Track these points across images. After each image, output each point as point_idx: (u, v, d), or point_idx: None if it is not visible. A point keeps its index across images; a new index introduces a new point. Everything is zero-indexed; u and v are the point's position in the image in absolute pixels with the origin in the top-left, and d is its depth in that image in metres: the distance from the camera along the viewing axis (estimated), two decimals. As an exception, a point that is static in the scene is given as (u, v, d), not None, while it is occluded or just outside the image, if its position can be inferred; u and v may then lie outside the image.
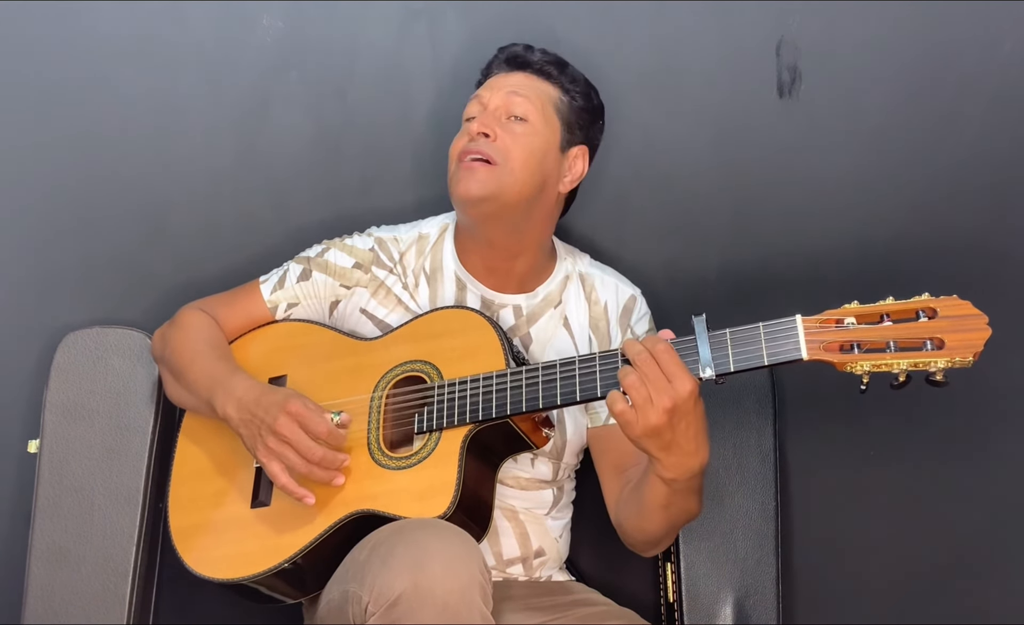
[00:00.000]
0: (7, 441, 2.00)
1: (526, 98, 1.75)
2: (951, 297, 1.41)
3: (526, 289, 1.80)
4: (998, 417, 1.99)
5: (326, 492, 1.64)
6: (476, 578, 1.44)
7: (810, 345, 1.43)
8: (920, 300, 1.41)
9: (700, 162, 2.00)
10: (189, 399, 1.77)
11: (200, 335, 1.79)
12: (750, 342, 1.45)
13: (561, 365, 1.57)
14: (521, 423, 1.63)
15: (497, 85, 1.77)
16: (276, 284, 1.82)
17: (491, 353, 1.64)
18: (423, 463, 1.62)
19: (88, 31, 1.98)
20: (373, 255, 1.81)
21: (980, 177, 1.97)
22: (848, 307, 1.43)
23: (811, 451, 2.01)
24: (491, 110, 1.75)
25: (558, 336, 1.79)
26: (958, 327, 1.38)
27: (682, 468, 1.48)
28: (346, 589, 1.50)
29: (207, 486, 1.75)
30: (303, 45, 2.00)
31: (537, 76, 1.78)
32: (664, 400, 1.42)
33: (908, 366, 1.39)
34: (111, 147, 2.01)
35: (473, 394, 1.61)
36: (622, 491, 1.72)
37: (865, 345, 1.41)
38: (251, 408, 1.63)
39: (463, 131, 1.76)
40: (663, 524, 1.61)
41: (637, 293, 1.85)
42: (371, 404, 1.68)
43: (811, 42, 1.96)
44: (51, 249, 2.02)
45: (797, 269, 2.01)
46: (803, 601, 2.00)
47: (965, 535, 2.01)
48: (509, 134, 1.72)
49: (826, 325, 1.43)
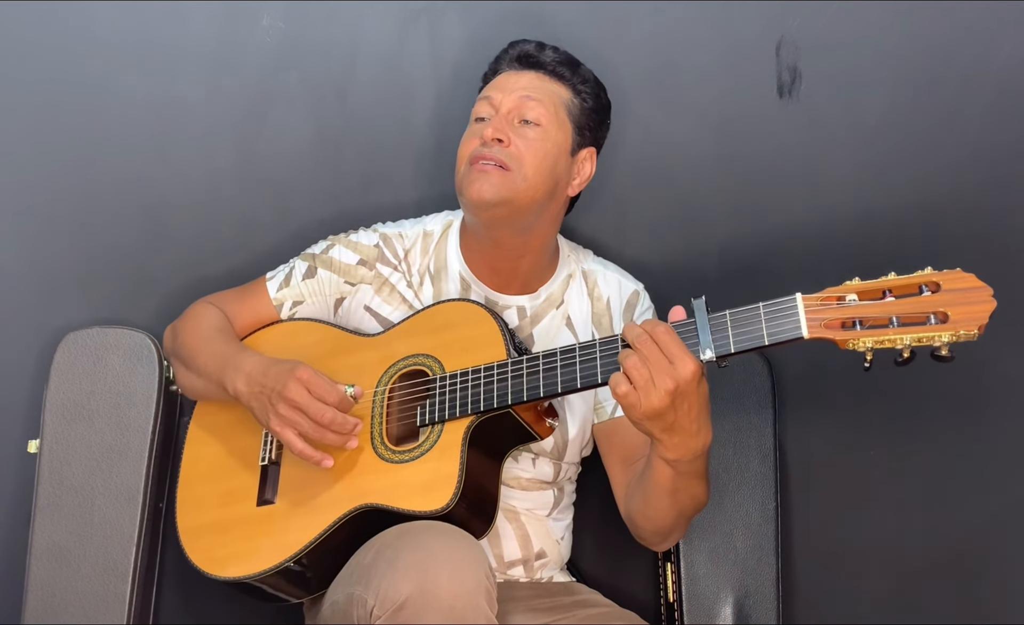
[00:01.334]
0: (7, 441, 2.00)
1: (539, 102, 1.72)
2: (954, 270, 1.38)
3: (529, 290, 1.80)
4: (999, 418, 1.99)
5: (330, 488, 1.64)
6: (482, 582, 1.44)
7: (811, 323, 1.39)
8: (923, 274, 1.39)
9: (700, 161, 2.00)
10: (201, 384, 1.77)
11: (209, 323, 1.79)
12: (750, 322, 1.43)
13: (562, 353, 1.57)
14: (524, 413, 1.63)
15: (508, 85, 1.74)
16: (282, 282, 1.82)
17: (492, 344, 1.65)
18: (425, 456, 1.62)
19: (88, 32, 1.98)
20: (378, 251, 1.80)
21: (980, 177, 1.97)
22: (849, 284, 1.41)
23: (811, 451, 2.01)
24: (503, 113, 1.72)
25: (561, 336, 1.78)
26: (962, 300, 1.35)
27: (684, 448, 1.48)
28: (351, 592, 1.49)
29: (214, 487, 1.75)
30: (303, 45, 2.00)
31: (549, 77, 1.75)
32: (666, 382, 1.41)
33: (912, 341, 1.35)
34: (111, 147, 2.01)
35: (474, 385, 1.61)
36: (630, 483, 1.72)
37: (867, 321, 1.37)
38: (260, 380, 1.64)
39: (472, 132, 1.74)
40: (670, 511, 1.60)
41: (640, 288, 1.85)
42: (374, 399, 1.69)
43: (811, 42, 1.96)
44: (51, 249, 2.02)
45: (797, 268, 2.01)
46: (803, 601, 2.00)
47: (965, 535, 2.01)
48: (522, 139, 1.70)
49: (827, 302, 1.40)
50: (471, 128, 1.75)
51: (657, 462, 1.53)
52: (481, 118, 1.74)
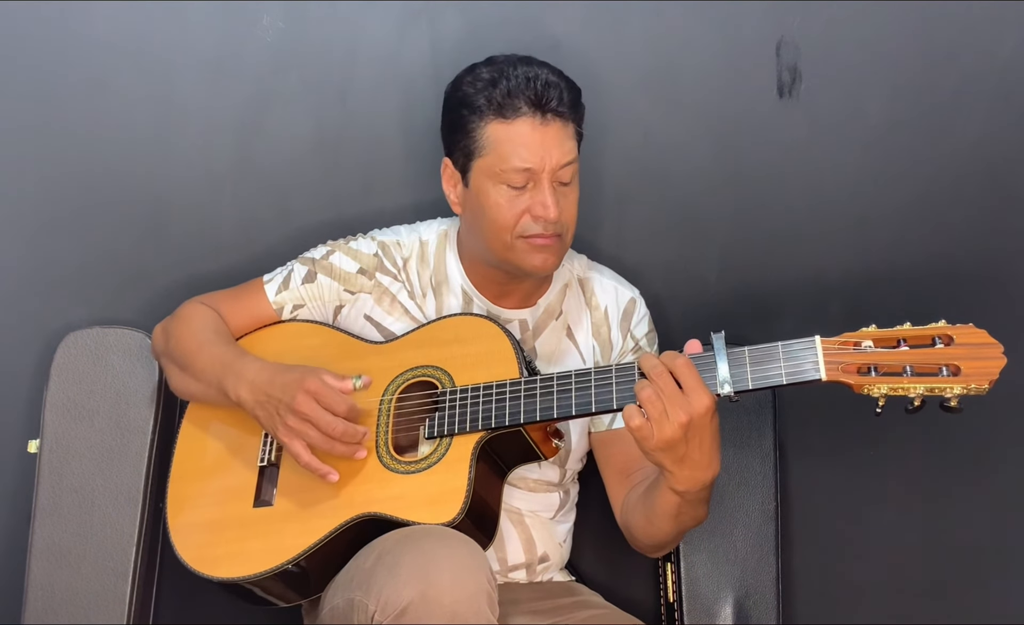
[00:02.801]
0: (7, 441, 2.00)
1: (572, 165, 1.66)
2: (967, 325, 1.41)
3: (529, 303, 1.79)
4: (999, 419, 1.99)
5: (331, 493, 1.64)
6: (484, 587, 1.44)
7: (829, 366, 1.43)
8: (937, 327, 1.42)
9: (700, 162, 2.00)
10: (197, 388, 1.75)
11: (205, 325, 1.77)
12: (769, 360, 1.45)
13: (576, 376, 1.56)
14: (533, 433, 1.62)
15: (542, 150, 1.63)
16: (281, 285, 1.80)
17: (505, 361, 1.63)
18: (433, 468, 1.60)
19: (88, 31, 1.98)
20: (377, 261, 1.79)
21: (980, 177, 1.97)
22: (866, 330, 1.44)
23: (811, 451, 2.01)
24: (546, 185, 1.63)
25: (562, 348, 1.78)
26: (974, 355, 1.39)
27: (693, 481, 1.49)
28: (351, 597, 1.49)
29: (207, 484, 1.74)
30: (303, 45, 2.00)
31: (565, 121, 1.66)
32: (680, 415, 1.42)
33: (924, 391, 1.39)
34: (111, 147, 2.01)
35: (486, 401, 1.60)
36: (628, 495, 1.72)
37: (882, 368, 1.41)
38: (266, 389, 1.63)
39: (514, 204, 1.64)
40: (672, 530, 1.62)
41: (636, 294, 1.84)
42: (380, 408, 1.68)
43: (811, 42, 1.95)
44: (51, 249, 2.02)
45: (797, 269, 2.01)
46: (803, 601, 2.00)
47: (965, 535, 2.01)
48: (565, 201, 1.66)
49: (844, 347, 1.43)
50: (508, 197, 1.65)
51: (665, 491, 1.53)
52: (516, 186, 1.65)
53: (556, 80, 1.65)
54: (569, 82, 1.67)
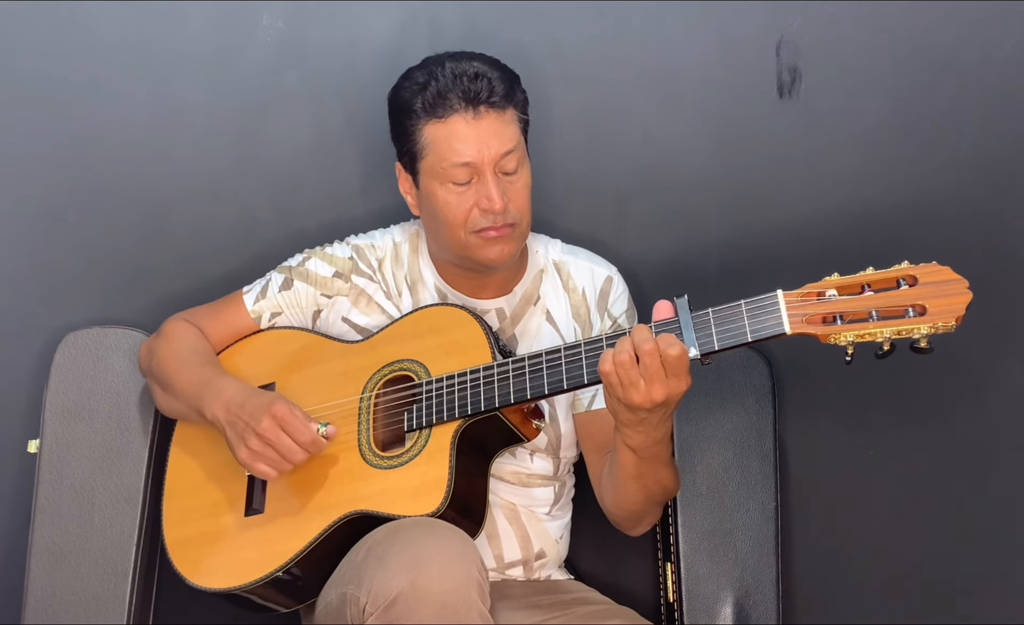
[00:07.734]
0: (7, 441, 2.00)
1: (513, 152, 1.67)
2: (930, 264, 1.41)
3: (504, 291, 1.79)
4: (999, 418, 1.99)
5: (319, 495, 1.64)
6: (474, 576, 1.45)
7: (792, 319, 1.43)
8: (900, 269, 1.42)
9: (700, 162, 2.00)
10: (178, 407, 1.78)
11: (186, 344, 1.80)
12: (733, 320, 1.46)
13: (547, 355, 1.58)
14: (510, 415, 1.64)
15: (479, 144, 1.64)
16: (259, 294, 1.82)
17: (477, 347, 1.65)
18: (414, 461, 1.62)
19: (88, 31, 1.98)
20: (352, 263, 1.80)
21: (980, 177, 1.97)
22: (829, 279, 1.44)
23: (811, 451, 2.01)
24: (489, 178, 1.65)
25: (543, 332, 1.79)
26: (939, 293, 1.38)
27: (646, 437, 1.53)
28: (343, 591, 1.50)
29: (200, 498, 1.76)
30: (303, 45, 2.00)
31: (501, 109, 1.66)
32: (658, 391, 1.44)
33: (892, 334, 1.39)
34: (111, 147, 2.01)
35: (461, 389, 1.62)
36: (603, 471, 1.75)
37: (847, 316, 1.41)
38: (236, 411, 1.65)
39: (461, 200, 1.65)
40: (638, 495, 1.64)
41: (612, 271, 1.84)
42: (360, 405, 1.69)
43: (811, 42, 1.95)
44: (51, 249, 2.02)
45: (797, 268, 2.00)
46: (803, 601, 2.00)
47: (965, 535, 2.01)
48: (512, 191, 1.67)
49: (807, 298, 1.43)
50: (455, 194, 1.66)
51: (621, 448, 1.57)
52: (460, 183, 1.66)
53: (486, 70, 1.66)
54: (503, 70, 1.68)
